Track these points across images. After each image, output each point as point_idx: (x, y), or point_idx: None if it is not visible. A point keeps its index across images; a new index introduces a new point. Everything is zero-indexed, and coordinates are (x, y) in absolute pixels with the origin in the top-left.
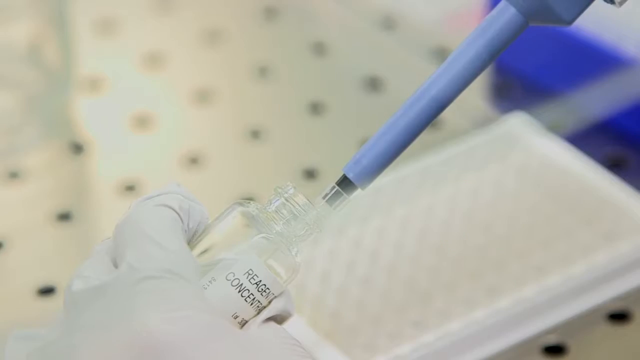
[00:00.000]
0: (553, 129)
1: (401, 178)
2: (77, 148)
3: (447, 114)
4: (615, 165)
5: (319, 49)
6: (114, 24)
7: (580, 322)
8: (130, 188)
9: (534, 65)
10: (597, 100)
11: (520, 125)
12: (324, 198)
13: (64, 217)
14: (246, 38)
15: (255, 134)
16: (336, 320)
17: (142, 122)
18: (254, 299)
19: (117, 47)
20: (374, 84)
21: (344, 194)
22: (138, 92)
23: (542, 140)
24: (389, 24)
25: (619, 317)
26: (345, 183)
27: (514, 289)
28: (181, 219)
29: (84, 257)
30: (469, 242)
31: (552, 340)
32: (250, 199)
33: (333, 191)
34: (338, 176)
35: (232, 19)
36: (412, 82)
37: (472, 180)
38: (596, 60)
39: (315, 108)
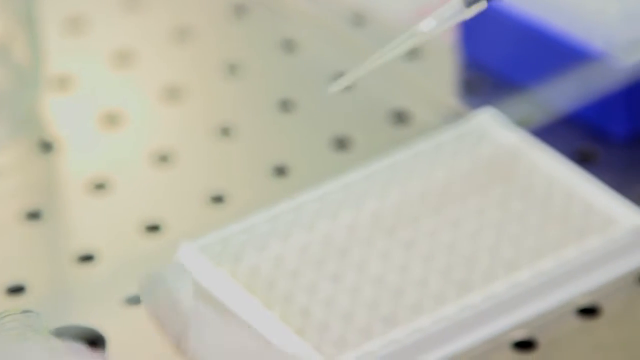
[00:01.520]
0: (522, 124)
1: (370, 174)
2: (46, 146)
3: (415, 109)
4: (584, 160)
5: (289, 45)
6: (83, 22)
7: (550, 317)
8: (100, 186)
9: (502, 61)
10: (566, 95)
11: (489, 121)
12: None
13: (33, 216)
14: (216, 35)
15: (226, 132)
16: (306, 317)
17: (112, 120)
18: None
19: (86, 45)
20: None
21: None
22: (107, 90)
23: (511, 135)
24: (359, 20)
25: (588, 312)
26: None
27: (483, 285)
28: None
29: (54, 256)
30: (439, 237)
31: (522, 335)
32: (220, 197)
33: None
34: (308, 174)
35: (201, 17)
36: (383, 79)
37: (441, 175)
38: (565, 55)
39: (286, 105)
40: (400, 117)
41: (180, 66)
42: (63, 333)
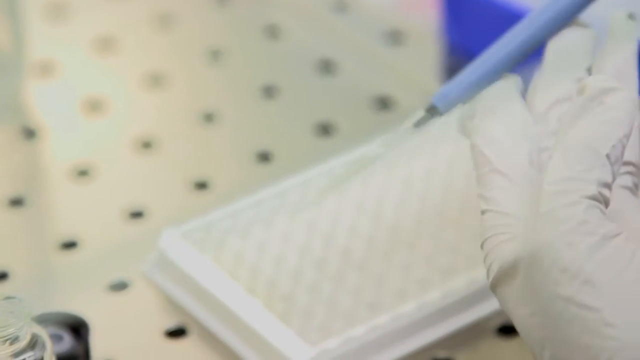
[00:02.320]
0: None
1: (354, 159)
2: (29, 133)
3: (399, 95)
4: None
5: (272, 31)
6: (65, 8)
7: None
8: (82, 173)
9: (486, 46)
10: None
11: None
12: (413, 125)
13: (16, 202)
14: (199, 21)
15: (209, 118)
16: (290, 303)
17: (95, 106)
18: None
19: (68, 31)
20: (327, 67)
21: (431, 116)
22: (90, 77)
23: None
24: (342, 6)
25: None
26: (432, 109)
27: (467, 270)
28: None
29: (37, 243)
30: (423, 223)
31: (506, 320)
32: (203, 183)
33: (420, 117)
34: (292, 160)
35: (184, 2)
36: (366, 64)
37: (425, 161)
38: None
39: (269, 91)
40: (384, 103)
41: (163, 53)
42: (46, 319)
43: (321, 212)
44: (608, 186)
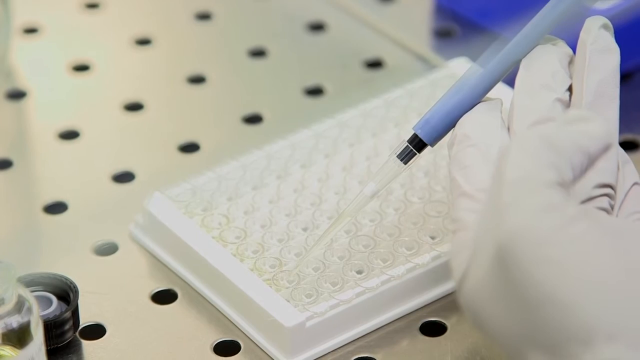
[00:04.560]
0: None
1: (344, 121)
2: (16, 95)
3: (389, 57)
4: None
5: None
6: None
7: None
8: (70, 135)
9: (476, 8)
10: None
11: (462, 69)
12: (397, 156)
13: (5, 164)
14: None
15: (197, 79)
16: (279, 267)
17: (82, 68)
18: None
19: None
20: (315, 28)
21: (415, 151)
22: (77, 39)
23: None
24: None
25: None
26: (415, 141)
27: None
28: None
29: (24, 205)
30: (413, 185)
31: None
32: (191, 145)
33: (403, 148)
34: (281, 121)
35: None
36: (354, 25)
37: (414, 124)
38: (539, 4)
39: (257, 52)
40: (373, 64)
41: (150, 13)
42: (36, 282)
43: (310, 173)
44: (567, 181)
